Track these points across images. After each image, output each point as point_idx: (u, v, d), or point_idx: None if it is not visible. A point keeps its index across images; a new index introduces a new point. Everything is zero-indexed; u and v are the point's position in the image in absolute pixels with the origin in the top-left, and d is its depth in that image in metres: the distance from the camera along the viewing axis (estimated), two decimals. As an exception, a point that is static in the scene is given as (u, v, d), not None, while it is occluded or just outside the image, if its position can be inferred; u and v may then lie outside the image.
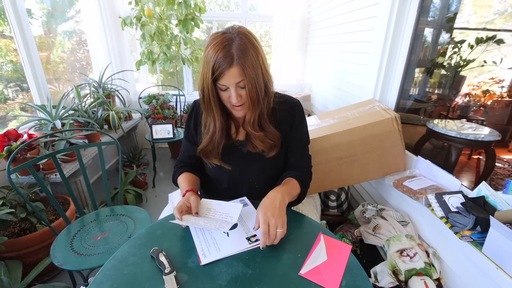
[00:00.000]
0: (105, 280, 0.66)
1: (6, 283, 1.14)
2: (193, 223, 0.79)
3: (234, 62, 0.74)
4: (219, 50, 0.74)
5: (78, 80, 2.67)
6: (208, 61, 0.76)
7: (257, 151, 0.93)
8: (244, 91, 0.80)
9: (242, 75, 0.75)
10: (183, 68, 3.24)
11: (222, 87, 0.79)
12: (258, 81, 0.79)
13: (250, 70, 0.75)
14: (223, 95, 0.82)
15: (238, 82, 0.77)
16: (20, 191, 1.15)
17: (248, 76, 0.76)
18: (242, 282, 0.65)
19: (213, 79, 0.77)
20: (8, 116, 1.93)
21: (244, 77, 0.76)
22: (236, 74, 0.75)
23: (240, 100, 0.81)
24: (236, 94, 0.79)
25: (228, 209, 0.84)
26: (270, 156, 0.94)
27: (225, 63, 0.74)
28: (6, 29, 1.79)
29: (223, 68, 0.74)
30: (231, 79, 0.76)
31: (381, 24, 1.50)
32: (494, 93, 1.53)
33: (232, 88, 0.78)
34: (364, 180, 1.44)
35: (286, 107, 0.95)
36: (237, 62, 0.74)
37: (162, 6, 2.62)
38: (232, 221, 0.79)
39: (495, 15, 1.46)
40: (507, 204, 0.92)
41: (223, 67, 0.74)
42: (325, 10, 2.41)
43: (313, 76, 2.89)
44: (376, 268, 1.15)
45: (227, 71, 0.74)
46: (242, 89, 0.80)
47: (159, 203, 2.34)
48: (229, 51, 0.74)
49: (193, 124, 1.00)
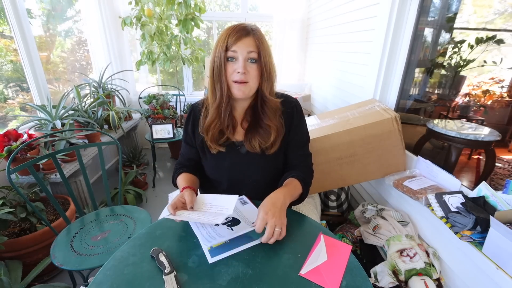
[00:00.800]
0: (105, 280, 0.66)
1: (6, 283, 1.14)
2: (187, 217, 0.78)
3: (250, 34, 0.81)
4: (235, 27, 0.81)
5: (78, 80, 2.67)
6: (223, 34, 0.82)
7: (256, 150, 0.93)
8: (253, 67, 0.82)
9: (256, 46, 0.80)
10: (183, 68, 3.24)
11: (232, 54, 0.81)
12: (268, 60, 0.84)
13: (265, 45, 0.82)
14: (230, 66, 0.83)
15: (250, 51, 0.80)
16: (20, 191, 1.15)
17: (262, 48, 0.81)
18: (242, 282, 0.65)
19: (226, 47, 0.80)
20: (8, 116, 1.93)
21: (257, 49, 0.81)
22: (250, 43, 0.80)
23: (245, 73, 0.81)
24: (243, 65, 0.81)
25: (223, 201, 0.84)
26: (270, 154, 0.93)
27: (243, 32, 0.80)
28: (6, 29, 1.79)
29: (240, 35, 0.79)
30: (244, 46, 0.80)
31: (381, 24, 1.50)
32: (494, 93, 1.53)
33: (241, 58, 0.81)
34: (364, 180, 1.44)
35: (284, 106, 0.95)
36: (253, 34, 0.81)
37: (162, 6, 2.62)
38: (227, 212, 0.78)
39: (495, 15, 1.46)
40: (507, 204, 0.92)
41: (240, 34, 0.80)
42: (325, 10, 2.41)
43: (313, 76, 2.89)
44: (376, 268, 1.15)
45: (243, 38, 0.80)
46: (250, 64, 0.82)
47: (159, 203, 2.34)
48: (245, 28, 0.81)
49: (191, 127, 1.00)
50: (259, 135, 0.91)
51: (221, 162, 0.97)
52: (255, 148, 0.92)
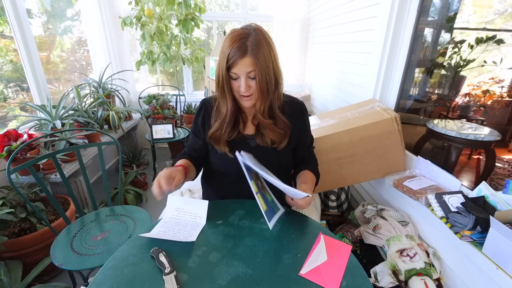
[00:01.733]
0: (105, 280, 0.66)
1: (6, 283, 1.14)
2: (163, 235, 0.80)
3: (247, 53, 0.81)
4: (235, 41, 0.81)
5: (78, 80, 2.67)
6: (224, 50, 0.83)
7: (267, 144, 0.97)
8: (254, 82, 0.85)
9: (254, 65, 0.82)
10: (183, 68, 3.24)
11: (234, 75, 0.85)
12: (269, 73, 0.85)
13: (262, 62, 0.82)
14: (234, 84, 0.88)
15: (249, 72, 0.83)
16: (20, 191, 1.15)
17: (259, 67, 0.82)
18: (242, 282, 0.65)
19: (227, 67, 0.83)
20: (8, 116, 1.93)
21: (255, 68, 0.82)
22: (248, 63, 0.81)
23: (248, 90, 0.86)
24: (245, 84, 0.84)
25: (195, 208, 0.90)
26: (280, 149, 0.98)
27: (240, 53, 0.80)
28: (6, 29, 1.79)
29: (237, 57, 0.81)
30: (243, 68, 0.82)
31: (381, 24, 1.49)
32: (494, 93, 1.53)
33: (242, 78, 0.84)
34: (364, 180, 1.44)
35: (294, 106, 1.02)
36: (250, 53, 0.81)
37: (162, 6, 2.62)
38: (201, 221, 0.86)
39: (495, 15, 1.46)
40: (507, 204, 0.92)
41: (237, 56, 0.81)
42: (325, 10, 2.41)
43: (313, 76, 2.89)
44: (376, 268, 1.15)
45: (240, 60, 0.81)
46: (252, 80, 0.85)
47: (159, 203, 2.33)
48: (244, 43, 0.81)
49: (201, 119, 1.03)
50: (271, 130, 0.95)
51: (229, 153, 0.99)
52: (267, 143, 0.97)
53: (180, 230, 0.83)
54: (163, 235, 0.80)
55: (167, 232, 0.82)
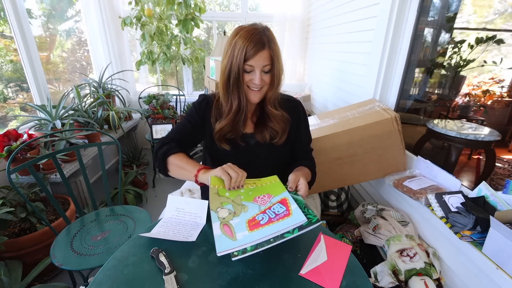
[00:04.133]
0: (105, 280, 0.66)
1: (6, 283, 1.14)
2: (163, 235, 0.80)
3: (265, 47, 0.85)
4: (253, 35, 0.84)
5: (78, 80, 2.67)
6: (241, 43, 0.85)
7: (265, 140, 0.98)
8: (267, 76, 0.89)
9: (270, 59, 0.87)
10: (183, 68, 3.24)
11: (248, 68, 0.87)
12: (280, 68, 0.91)
13: (276, 57, 0.88)
14: (246, 77, 0.90)
15: (265, 65, 0.87)
16: (20, 191, 1.15)
17: (275, 60, 0.88)
18: (242, 282, 0.65)
19: (245, 57, 0.85)
20: (8, 116, 1.93)
21: (271, 61, 0.87)
22: (266, 57, 0.85)
23: (261, 83, 0.89)
24: (259, 77, 0.88)
25: (196, 208, 0.90)
26: (278, 145, 0.99)
27: (259, 46, 0.84)
28: (6, 29, 1.79)
29: (256, 50, 0.84)
30: (260, 61, 0.86)
31: (381, 24, 1.49)
32: (494, 93, 1.53)
33: (257, 70, 0.87)
34: (364, 180, 1.44)
35: (291, 104, 1.03)
36: (268, 46, 0.86)
37: (162, 6, 2.62)
38: (201, 221, 0.87)
39: (495, 15, 1.46)
40: (507, 204, 0.92)
41: (256, 49, 0.84)
42: (325, 10, 2.41)
43: (313, 76, 2.89)
44: (376, 268, 1.15)
45: (260, 53, 0.84)
46: (265, 73, 0.89)
47: (159, 203, 2.34)
48: (262, 38, 0.85)
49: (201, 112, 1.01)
50: (269, 126, 0.98)
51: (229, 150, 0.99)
52: (266, 138, 0.98)
53: (180, 230, 0.83)
54: (163, 235, 0.80)
55: (167, 232, 0.82)
